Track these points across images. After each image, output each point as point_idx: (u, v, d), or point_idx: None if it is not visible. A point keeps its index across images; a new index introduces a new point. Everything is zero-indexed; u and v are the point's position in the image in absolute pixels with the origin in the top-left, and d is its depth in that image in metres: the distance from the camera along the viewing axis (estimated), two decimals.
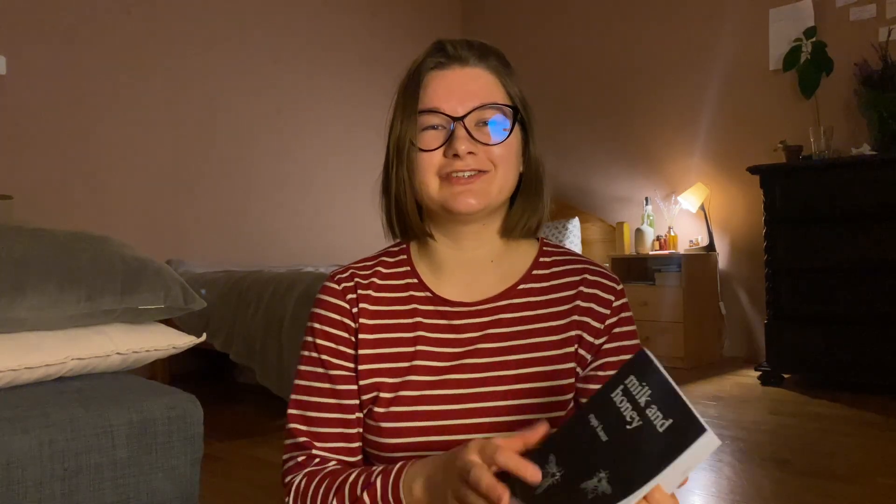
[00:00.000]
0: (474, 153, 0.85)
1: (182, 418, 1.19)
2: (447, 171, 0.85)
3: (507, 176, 0.88)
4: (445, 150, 0.85)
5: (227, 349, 3.11)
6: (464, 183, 0.85)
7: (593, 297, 0.90)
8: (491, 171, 0.86)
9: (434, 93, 0.86)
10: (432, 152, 0.85)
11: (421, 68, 0.88)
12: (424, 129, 0.86)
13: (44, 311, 1.18)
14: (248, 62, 4.34)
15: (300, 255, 4.43)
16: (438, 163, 0.85)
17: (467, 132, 0.84)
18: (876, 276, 3.12)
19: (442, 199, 0.86)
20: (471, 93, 0.86)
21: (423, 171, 0.86)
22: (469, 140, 0.84)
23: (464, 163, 0.84)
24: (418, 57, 0.90)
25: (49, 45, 3.54)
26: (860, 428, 2.66)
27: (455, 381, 0.86)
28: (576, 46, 4.90)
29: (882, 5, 3.61)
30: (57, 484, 1.04)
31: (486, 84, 0.87)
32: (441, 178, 0.86)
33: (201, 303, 1.40)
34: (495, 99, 0.87)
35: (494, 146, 0.85)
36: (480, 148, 0.85)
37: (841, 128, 3.64)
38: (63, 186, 3.57)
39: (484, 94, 0.86)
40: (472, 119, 0.85)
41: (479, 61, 0.87)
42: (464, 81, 0.86)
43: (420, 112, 0.86)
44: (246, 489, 2.13)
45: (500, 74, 0.89)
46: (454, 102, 0.85)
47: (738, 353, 4.16)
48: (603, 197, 4.82)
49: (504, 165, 0.86)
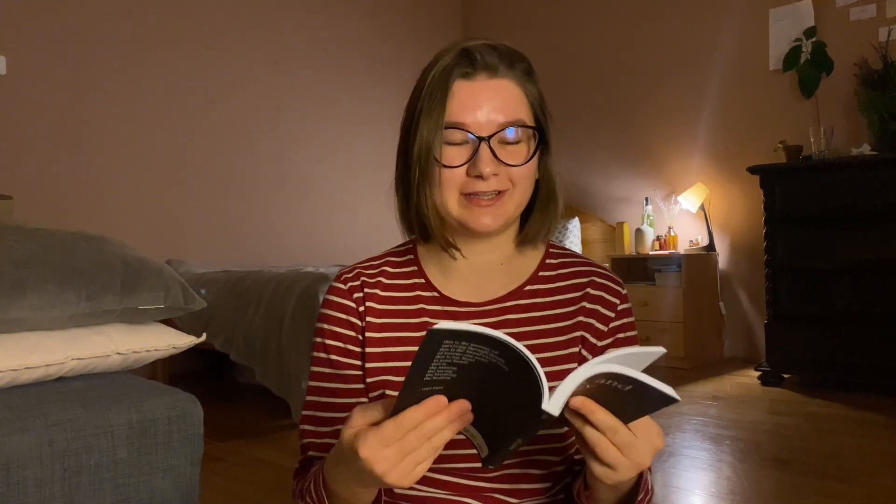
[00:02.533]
0: (497, 174, 0.84)
1: (182, 418, 1.19)
2: (469, 190, 0.84)
3: (525, 193, 0.87)
4: (469, 169, 0.84)
5: (227, 349, 3.11)
6: (485, 204, 0.84)
7: (600, 299, 0.90)
8: (509, 190, 0.85)
9: (460, 105, 0.83)
10: (455, 169, 0.84)
11: (449, 75, 0.84)
12: (447, 143, 0.84)
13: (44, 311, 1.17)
14: (248, 62, 4.34)
15: (300, 255, 4.43)
16: (461, 181, 0.84)
17: (492, 152, 0.83)
18: (876, 276, 3.12)
19: (461, 216, 0.86)
20: (497, 108, 0.84)
21: (445, 186, 0.85)
22: (493, 161, 0.83)
23: (486, 184, 0.83)
24: (443, 60, 0.86)
25: (49, 45, 3.54)
26: (860, 428, 2.66)
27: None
28: (576, 46, 4.90)
29: (882, 5, 3.61)
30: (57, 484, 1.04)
31: (511, 98, 0.85)
32: (461, 195, 0.85)
33: (201, 303, 1.40)
34: (520, 116, 0.85)
35: (515, 167, 0.85)
36: (503, 168, 0.84)
37: (841, 128, 3.64)
38: (63, 186, 3.57)
39: (510, 110, 0.84)
40: (496, 137, 0.84)
41: (507, 70, 0.85)
42: (490, 95, 0.84)
43: (444, 125, 0.84)
44: (246, 489, 2.13)
45: (524, 85, 0.87)
46: (480, 119, 0.83)
47: (738, 353, 4.16)
48: (603, 197, 4.82)
49: (522, 184, 0.86)
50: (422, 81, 0.87)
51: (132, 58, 3.83)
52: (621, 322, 0.90)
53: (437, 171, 0.84)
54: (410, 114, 0.88)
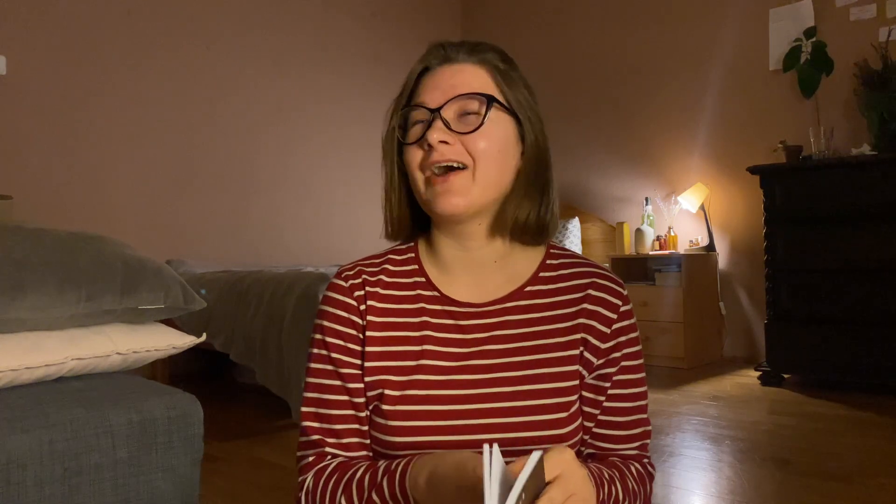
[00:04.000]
0: (448, 143, 0.84)
1: (182, 418, 1.19)
2: (425, 163, 0.85)
3: (490, 172, 0.85)
4: (422, 142, 0.85)
5: (227, 349, 3.11)
6: (441, 181, 0.84)
7: (602, 301, 0.90)
8: (469, 167, 0.84)
9: (422, 89, 0.87)
10: (415, 147, 0.86)
11: (415, 70, 0.90)
12: (412, 126, 0.87)
13: (44, 311, 1.17)
14: (248, 62, 4.34)
15: (300, 255, 4.43)
16: (420, 157, 0.86)
17: (444, 123, 0.84)
18: (876, 276, 3.12)
19: (427, 198, 0.86)
20: (452, 85, 0.86)
21: (411, 166, 0.87)
22: (443, 130, 0.84)
23: (438, 153, 0.83)
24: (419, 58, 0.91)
25: (49, 45, 3.54)
26: (860, 428, 2.66)
27: (462, 381, 0.86)
28: (576, 46, 4.90)
29: (882, 5, 3.61)
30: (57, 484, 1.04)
31: (471, 76, 0.86)
32: (425, 177, 0.86)
33: (201, 303, 1.40)
34: (475, 89, 0.86)
35: (470, 136, 0.84)
36: (457, 138, 0.84)
37: (841, 128, 3.64)
38: (63, 186, 3.57)
39: (466, 86, 0.86)
40: (453, 110, 0.85)
41: (468, 56, 0.88)
42: (448, 76, 0.87)
43: (404, 108, 0.88)
44: (246, 489, 2.13)
45: (491, 68, 0.88)
46: (437, 95, 0.86)
47: (738, 353, 4.16)
48: (603, 197, 4.82)
49: (484, 160, 0.84)
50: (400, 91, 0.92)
51: (132, 58, 3.83)
52: (624, 324, 0.90)
53: (405, 154, 0.88)
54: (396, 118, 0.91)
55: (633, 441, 0.91)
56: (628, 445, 0.91)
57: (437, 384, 0.86)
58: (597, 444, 0.90)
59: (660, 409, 2.97)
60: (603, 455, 0.91)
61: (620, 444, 0.90)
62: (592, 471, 0.81)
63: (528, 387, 0.85)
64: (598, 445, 0.91)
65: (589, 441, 0.90)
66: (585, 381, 0.89)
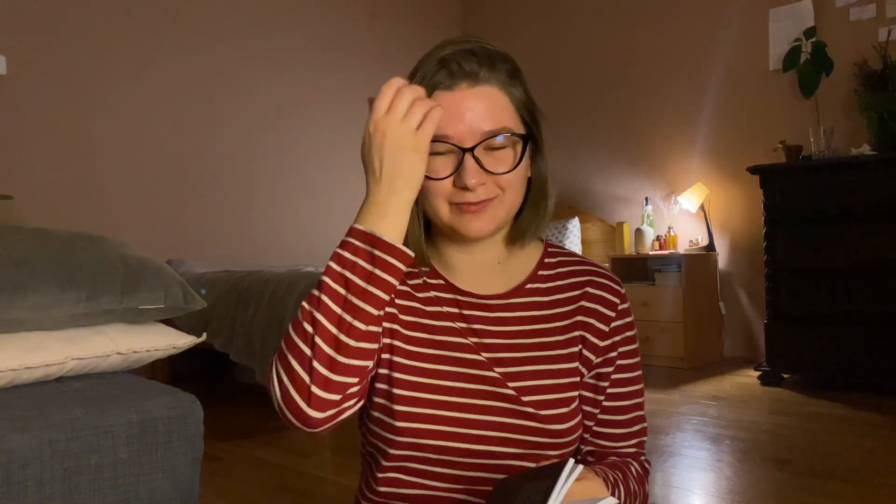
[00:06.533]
0: (484, 183, 0.83)
1: (182, 418, 1.19)
2: (457, 200, 0.84)
3: (516, 197, 0.87)
4: (455, 180, 0.83)
5: (227, 349, 3.11)
6: (473, 210, 0.84)
7: (599, 299, 0.91)
8: (499, 196, 0.85)
9: (443, 116, 0.81)
10: (442, 181, 0.84)
11: (427, 85, 0.83)
12: (432, 154, 0.82)
13: (44, 311, 1.18)
14: (248, 62, 4.34)
15: (300, 255, 4.43)
16: (448, 191, 0.84)
17: (477, 162, 0.82)
18: (876, 276, 3.12)
19: (452, 223, 0.86)
20: (480, 117, 0.82)
21: (434, 196, 0.85)
22: (478, 171, 0.82)
23: (474, 194, 0.83)
24: (422, 71, 0.84)
25: (49, 45, 3.54)
26: (860, 428, 2.66)
27: (465, 369, 0.86)
28: (575, 46, 4.90)
29: (882, 5, 3.61)
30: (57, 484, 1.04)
31: (494, 105, 0.83)
32: (450, 204, 0.85)
33: (201, 303, 1.40)
34: (504, 122, 0.84)
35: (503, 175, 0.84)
36: (489, 177, 0.83)
37: (841, 128, 3.63)
38: (63, 186, 3.57)
39: (493, 119, 0.83)
40: (481, 147, 0.83)
41: (488, 73, 0.83)
42: (472, 104, 0.82)
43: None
44: (246, 489, 2.13)
45: (507, 88, 0.85)
46: (463, 129, 0.82)
47: (738, 353, 4.16)
48: (603, 197, 4.82)
49: (512, 188, 0.85)
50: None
51: (132, 58, 3.83)
52: (622, 322, 0.91)
53: (425, 182, 0.83)
54: None
55: (631, 439, 0.92)
56: (627, 443, 0.92)
57: (442, 374, 0.86)
58: (596, 442, 0.92)
59: (660, 409, 2.97)
60: (602, 453, 0.92)
61: (619, 442, 0.91)
62: (598, 473, 0.82)
63: (529, 382, 0.86)
64: (598, 443, 0.92)
65: (588, 439, 0.91)
66: (584, 379, 0.90)
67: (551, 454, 0.86)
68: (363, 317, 0.77)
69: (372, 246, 0.79)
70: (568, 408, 0.86)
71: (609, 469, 0.86)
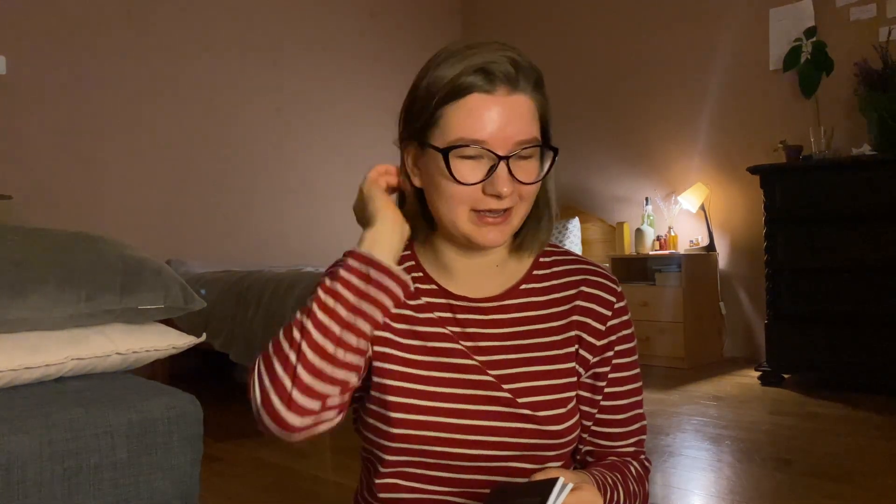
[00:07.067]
0: (513, 192, 0.83)
1: (182, 418, 1.19)
2: (482, 207, 0.83)
3: (529, 207, 0.87)
4: (485, 187, 0.82)
5: (227, 349, 3.10)
6: (493, 222, 0.84)
7: (595, 297, 0.90)
8: (517, 205, 0.85)
9: (480, 122, 0.80)
10: (469, 186, 0.82)
11: (461, 84, 0.81)
12: (462, 157, 0.81)
13: (44, 311, 1.17)
14: (248, 62, 4.34)
15: (300, 255, 4.43)
16: (474, 197, 0.82)
17: (509, 172, 0.82)
18: (876, 276, 3.12)
19: (468, 232, 0.84)
20: (517, 128, 0.81)
21: (455, 201, 0.83)
22: (511, 180, 0.82)
23: (501, 203, 0.82)
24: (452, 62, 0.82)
25: (49, 45, 3.54)
26: (860, 428, 2.66)
27: (460, 373, 0.86)
28: (576, 46, 4.90)
29: (882, 5, 3.61)
30: (57, 484, 1.04)
31: (527, 115, 0.83)
32: (471, 211, 0.84)
33: (201, 303, 1.40)
34: (536, 134, 0.84)
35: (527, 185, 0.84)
36: (515, 186, 0.83)
37: (841, 128, 3.63)
38: (63, 186, 3.57)
39: (527, 130, 0.82)
40: (515, 156, 0.82)
41: (525, 83, 0.83)
42: (510, 113, 0.81)
43: (461, 140, 0.81)
44: (246, 489, 2.13)
45: (538, 100, 0.85)
46: (499, 136, 0.81)
47: (738, 353, 4.15)
48: (603, 197, 4.82)
49: (528, 199, 0.86)
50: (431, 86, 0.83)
51: (132, 58, 3.83)
52: (618, 320, 0.90)
53: (448, 186, 0.82)
54: (417, 117, 0.85)
55: (630, 437, 0.91)
56: (625, 442, 0.91)
57: (437, 380, 0.86)
58: (595, 442, 0.91)
59: (660, 409, 2.97)
60: (601, 452, 0.91)
61: (618, 441, 0.91)
62: (596, 477, 0.82)
63: (525, 384, 0.86)
64: (596, 443, 0.91)
65: (587, 438, 0.91)
66: (582, 379, 0.89)
67: (549, 455, 0.86)
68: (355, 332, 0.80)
69: (367, 265, 0.83)
70: (565, 408, 0.86)
71: (607, 471, 0.85)
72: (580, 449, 0.92)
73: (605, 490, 0.81)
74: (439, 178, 0.83)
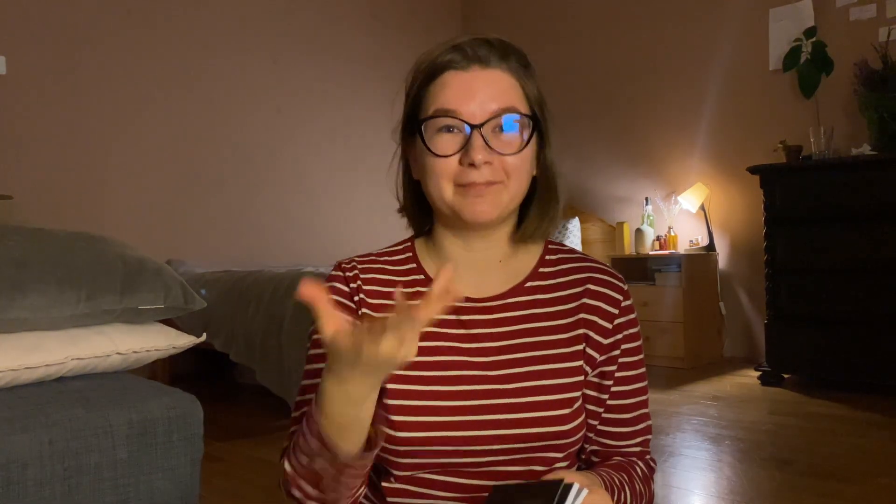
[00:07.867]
0: (490, 162, 0.83)
1: (182, 418, 1.19)
2: (463, 180, 0.83)
3: (520, 185, 0.86)
4: (461, 158, 0.83)
5: (227, 349, 3.11)
6: (476, 193, 0.84)
7: (602, 295, 0.90)
8: (503, 182, 0.84)
9: (453, 94, 0.83)
10: (447, 159, 0.83)
11: (437, 64, 0.85)
12: (439, 131, 0.84)
13: (44, 311, 1.18)
14: (248, 62, 4.34)
15: (300, 255, 4.43)
16: (454, 170, 0.84)
17: (484, 140, 0.82)
18: (876, 276, 3.12)
19: (455, 205, 0.85)
20: (489, 97, 0.83)
21: (438, 175, 0.84)
22: (486, 149, 0.82)
23: (479, 173, 0.83)
24: (432, 52, 0.86)
25: (49, 45, 3.54)
26: (860, 428, 2.66)
27: (464, 377, 0.85)
28: (576, 46, 4.90)
29: (882, 5, 3.61)
30: (57, 484, 1.04)
31: (505, 88, 0.84)
32: (455, 185, 0.84)
33: (201, 303, 1.40)
34: (514, 104, 0.84)
35: (509, 156, 0.84)
36: (496, 157, 0.83)
37: (841, 128, 3.63)
38: (63, 186, 3.57)
39: (503, 99, 0.84)
40: (489, 125, 0.83)
41: (500, 61, 0.85)
42: (483, 84, 0.83)
43: (435, 112, 0.83)
44: (246, 489, 2.13)
45: (520, 77, 0.86)
46: (473, 106, 0.82)
47: (738, 353, 4.15)
48: (603, 197, 4.82)
49: (517, 175, 0.85)
50: (415, 74, 0.88)
51: (132, 58, 3.83)
52: (625, 318, 0.90)
53: (429, 161, 0.84)
54: (406, 105, 0.89)
55: (636, 437, 0.91)
56: (631, 442, 0.91)
57: (439, 380, 0.85)
58: (600, 441, 0.91)
59: (660, 409, 2.97)
60: (607, 452, 0.91)
61: (624, 441, 0.90)
62: (604, 478, 0.82)
63: (531, 383, 0.85)
64: (602, 442, 0.91)
65: (593, 438, 0.90)
66: (588, 377, 0.88)
67: (555, 456, 0.85)
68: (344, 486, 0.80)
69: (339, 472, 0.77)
70: (570, 408, 0.85)
71: (614, 471, 0.85)
72: (585, 448, 0.91)
73: (612, 491, 0.81)
74: (423, 158, 0.85)
